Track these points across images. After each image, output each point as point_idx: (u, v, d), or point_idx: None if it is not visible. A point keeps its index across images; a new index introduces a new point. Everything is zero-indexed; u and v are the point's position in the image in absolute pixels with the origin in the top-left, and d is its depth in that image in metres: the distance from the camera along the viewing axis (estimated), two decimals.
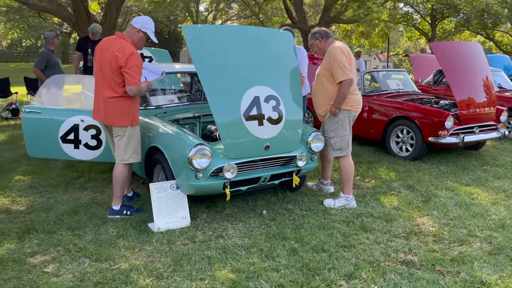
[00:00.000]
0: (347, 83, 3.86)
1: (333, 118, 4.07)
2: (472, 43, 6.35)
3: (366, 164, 5.61)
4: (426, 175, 5.16)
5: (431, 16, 29.00)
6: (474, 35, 34.38)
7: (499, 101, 7.56)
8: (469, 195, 4.44)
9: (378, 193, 4.49)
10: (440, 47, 5.81)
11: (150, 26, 3.52)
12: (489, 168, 5.48)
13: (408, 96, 6.57)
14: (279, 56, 3.85)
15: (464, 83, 5.68)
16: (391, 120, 6.10)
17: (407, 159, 5.85)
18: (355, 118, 4.22)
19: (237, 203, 4.05)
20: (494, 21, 22.79)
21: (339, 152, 4.09)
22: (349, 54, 3.95)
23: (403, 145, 6.01)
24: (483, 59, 6.06)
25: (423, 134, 5.66)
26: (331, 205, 4.09)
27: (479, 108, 5.75)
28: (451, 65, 5.66)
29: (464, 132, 5.69)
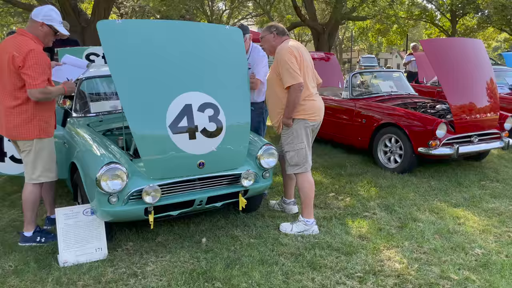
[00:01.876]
0: (295, 89, 3.25)
1: (287, 130, 3.47)
2: (472, 40, 5.61)
3: (346, 178, 4.97)
4: (412, 192, 4.49)
5: (451, 13, 27.68)
6: (498, 32, 32.80)
7: (508, 105, 6.79)
8: (456, 219, 3.76)
9: (349, 215, 3.87)
10: (431, 44, 5.10)
11: (55, 17, 3.00)
12: (487, 184, 4.75)
13: (401, 100, 5.88)
14: (222, 57, 3.27)
15: (459, 85, 4.96)
16: (379, 127, 5.43)
17: (395, 172, 5.17)
18: (317, 128, 3.61)
19: (176, 227, 3.51)
20: None
21: (296, 168, 3.49)
22: (301, 55, 3.34)
23: (392, 155, 5.33)
24: (484, 58, 5.32)
25: (412, 143, 4.98)
26: (287, 230, 3.50)
27: (479, 114, 5.03)
28: (443, 65, 4.95)
29: (459, 141, 4.98)
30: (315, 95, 3.51)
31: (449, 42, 5.22)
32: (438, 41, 5.17)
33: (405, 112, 5.17)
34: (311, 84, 3.47)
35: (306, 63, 3.41)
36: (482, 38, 33.73)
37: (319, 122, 3.56)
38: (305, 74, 3.38)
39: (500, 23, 27.77)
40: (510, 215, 3.83)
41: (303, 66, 3.37)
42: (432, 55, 4.96)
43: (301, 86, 3.27)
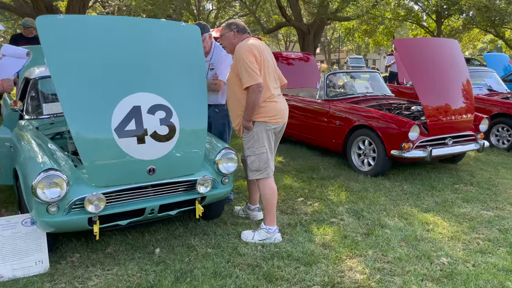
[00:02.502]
0: (254, 90, 3.08)
1: (247, 133, 3.30)
2: (446, 40, 5.50)
3: (318, 181, 4.81)
4: (383, 196, 4.35)
5: (437, 14, 27.84)
6: (483, 33, 33.10)
7: (486, 106, 6.72)
8: (425, 225, 3.62)
9: (315, 221, 3.71)
10: (404, 44, 4.98)
11: None
12: (461, 188, 4.64)
13: (376, 101, 5.75)
14: (176, 56, 3.09)
15: (433, 85, 4.84)
16: (352, 129, 5.29)
17: (368, 175, 5.03)
18: (281, 131, 3.44)
19: (130, 237, 3.31)
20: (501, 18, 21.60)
21: (257, 173, 3.31)
22: (261, 54, 3.17)
23: (365, 158, 5.19)
24: (459, 58, 5.21)
25: (385, 146, 4.84)
26: (248, 238, 3.33)
27: (453, 116, 4.91)
28: (416, 65, 4.83)
29: (433, 144, 4.86)
30: (278, 97, 3.34)
31: (423, 42, 5.10)
32: (411, 41, 5.06)
33: (378, 113, 5.03)
34: (272, 85, 3.30)
35: (267, 62, 3.24)
36: (467, 39, 34.07)
37: (282, 125, 3.39)
38: (265, 74, 3.21)
39: (484, 24, 28.04)
40: (481, 221, 3.71)
41: (264, 66, 3.19)
42: (404, 55, 4.83)
43: (260, 86, 3.09)
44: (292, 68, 7.56)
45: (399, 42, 5.01)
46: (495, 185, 4.71)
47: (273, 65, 3.35)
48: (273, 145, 3.41)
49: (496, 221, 3.68)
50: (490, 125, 6.75)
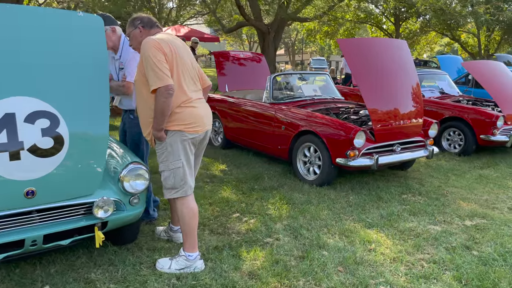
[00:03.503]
0: (162, 93, 2.58)
1: (160, 144, 2.80)
2: (394, 41, 5.23)
3: (259, 193, 4.38)
4: (326, 209, 3.97)
5: (395, 16, 28.34)
6: (440, 36, 34.10)
7: (438, 109, 6.55)
8: (367, 244, 3.26)
9: (247, 242, 3.27)
10: (349, 44, 4.65)
11: None
12: (409, 198, 4.34)
13: (324, 105, 5.40)
14: (69, 51, 2.54)
15: (379, 88, 4.53)
16: (298, 135, 4.90)
17: (314, 184, 4.66)
18: (203, 141, 2.97)
19: (17, 270, 2.74)
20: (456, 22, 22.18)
21: (172, 192, 2.82)
22: (173, 51, 2.68)
23: (311, 166, 4.82)
24: (407, 59, 4.93)
25: (330, 154, 4.48)
26: (164, 268, 2.84)
27: (402, 120, 4.62)
28: (361, 66, 4.50)
29: (380, 151, 4.55)
30: (196, 101, 2.86)
31: (369, 42, 4.81)
32: (355, 41, 4.74)
33: (323, 118, 4.67)
34: (189, 87, 2.81)
35: (181, 60, 2.75)
36: (425, 42, 35.01)
37: (202, 134, 2.91)
38: (179, 74, 2.73)
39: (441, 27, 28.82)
40: (427, 237, 3.39)
41: (177, 65, 2.71)
42: (349, 56, 4.49)
43: (170, 89, 2.60)
44: (242, 68, 7.12)
45: (343, 42, 4.66)
46: (444, 194, 4.45)
47: (191, 63, 2.87)
48: (193, 158, 2.93)
49: (443, 238, 3.37)
50: (442, 129, 6.59)
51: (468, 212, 3.93)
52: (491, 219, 3.76)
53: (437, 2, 15.06)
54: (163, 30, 2.91)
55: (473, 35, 32.32)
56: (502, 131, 6.07)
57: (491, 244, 3.27)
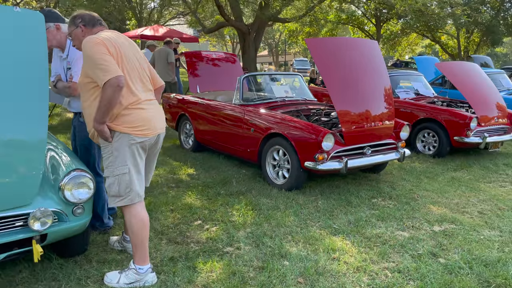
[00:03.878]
0: (111, 84, 2.34)
1: (106, 148, 2.61)
2: (365, 41, 5.13)
3: (224, 198, 4.21)
4: (293, 215, 3.83)
5: (376, 18, 28.55)
6: (420, 37, 34.52)
7: (413, 110, 6.49)
8: (331, 252, 3.12)
9: (205, 252, 3.09)
10: (317, 44, 4.52)
11: None
12: (379, 203, 4.23)
13: (295, 106, 5.26)
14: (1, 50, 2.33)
15: (348, 89, 4.41)
16: (267, 138, 4.75)
17: (283, 189, 4.52)
18: (155, 145, 2.79)
19: None
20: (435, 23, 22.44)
21: (117, 200, 2.62)
22: (118, 49, 2.49)
23: (280, 170, 4.67)
24: (378, 60, 4.83)
25: (299, 157, 4.34)
26: (113, 282, 2.64)
27: (373, 122, 4.51)
28: (330, 67, 4.38)
29: (350, 154, 4.43)
30: (146, 102, 2.66)
31: (337, 42, 4.68)
32: (324, 41, 4.61)
33: (291, 121, 4.52)
34: (138, 88, 2.62)
35: (127, 59, 2.56)
36: (406, 44, 35.39)
37: (153, 138, 2.72)
38: (125, 74, 2.53)
39: (422, 29, 29.16)
40: (393, 244, 3.27)
41: (122, 64, 2.51)
42: (317, 56, 4.36)
43: (121, 81, 2.37)
44: (215, 69, 6.94)
45: (311, 42, 4.53)
46: (415, 198, 4.35)
47: (138, 62, 2.68)
48: (143, 164, 2.74)
49: (410, 245, 3.26)
50: (416, 131, 6.53)
51: (438, 217, 3.83)
52: (460, 224, 3.67)
53: (416, 3, 15.12)
54: (107, 28, 2.72)
55: (452, 36, 32.85)
56: (475, 132, 6.03)
57: (458, 251, 3.16)
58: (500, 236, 3.45)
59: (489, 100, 6.44)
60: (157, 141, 2.79)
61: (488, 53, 54.27)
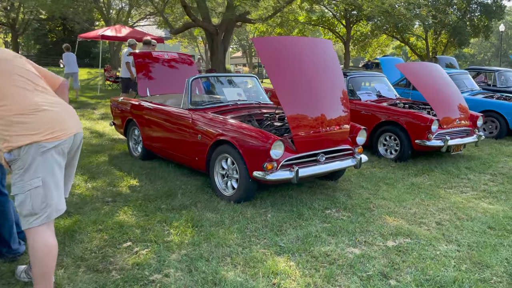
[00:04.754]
0: None
1: (15, 164, 2.20)
2: (317, 40, 4.83)
3: (164, 214, 3.80)
4: (237, 232, 3.46)
5: (346, 19, 28.65)
6: (390, 39, 34.94)
7: (374, 113, 6.26)
8: (271, 277, 2.77)
9: (126, 283, 2.68)
10: (264, 43, 4.17)
11: None
12: (332, 214, 3.92)
13: (248, 110, 4.91)
14: None
15: (299, 92, 4.09)
16: (214, 146, 4.38)
17: (232, 201, 4.15)
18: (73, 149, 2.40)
19: None
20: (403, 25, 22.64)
21: (32, 219, 2.24)
22: None
23: (229, 180, 4.31)
24: (332, 59, 4.54)
25: (247, 166, 3.99)
26: None
27: (326, 127, 4.20)
28: (278, 68, 4.05)
29: (303, 162, 4.11)
30: (48, 104, 2.27)
31: (287, 41, 4.35)
32: (272, 40, 4.27)
33: (239, 127, 4.16)
34: (30, 90, 2.22)
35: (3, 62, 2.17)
36: (376, 45, 35.75)
37: (69, 139, 2.32)
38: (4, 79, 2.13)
39: (391, 30, 29.46)
40: (341, 264, 2.95)
41: None
42: (265, 57, 4.01)
43: None
44: (167, 71, 6.50)
45: (258, 41, 4.18)
46: (371, 209, 4.06)
47: (22, 66, 2.28)
48: (62, 172, 2.34)
49: (359, 264, 2.95)
50: (378, 134, 6.31)
51: (393, 230, 3.55)
52: (415, 238, 3.40)
53: (382, 4, 15.09)
54: None
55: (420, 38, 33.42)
56: (437, 135, 5.84)
57: (411, 271, 2.87)
58: (458, 251, 3.18)
59: (450, 101, 6.27)
60: (74, 142, 2.41)
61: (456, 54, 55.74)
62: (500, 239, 3.41)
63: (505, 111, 7.77)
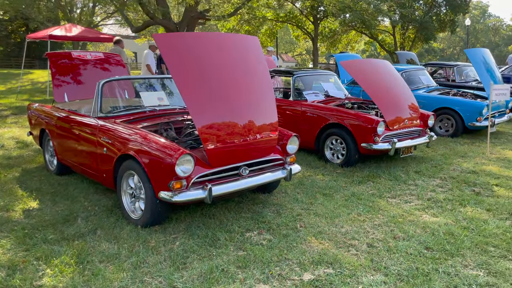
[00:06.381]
0: None
1: None
2: (236, 37, 4.28)
3: (47, 248, 3.16)
4: (129, 270, 2.87)
5: (313, 16, 28.30)
6: (359, 35, 34.84)
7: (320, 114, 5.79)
8: None
9: None
10: (166, 41, 3.58)
11: None
12: (252, 238, 3.37)
13: (167, 118, 4.32)
14: None
15: (209, 98, 3.52)
16: (120, 160, 3.77)
17: (139, 225, 3.57)
18: None
19: None
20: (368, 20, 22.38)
21: None
22: None
23: (136, 200, 3.71)
24: (256, 58, 4.00)
25: (153, 185, 3.41)
26: None
27: (248, 136, 3.66)
28: (183, 70, 3.46)
29: (220, 177, 3.55)
30: None
31: (199, 37, 3.74)
32: (179, 37, 3.67)
33: (145, 139, 3.56)
34: None
35: None
36: (345, 41, 35.61)
37: None
38: None
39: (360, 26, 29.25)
40: None
41: None
42: (168, 57, 3.42)
43: None
44: (90, 73, 5.81)
45: (160, 38, 3.59)
46: (297, 229, 3.54)
47: None
48: None
49: None
50: (324, 137, 5.82)
51: (316, 256, 3.04)
52: (338, 267, 2.89)
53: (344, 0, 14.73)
54: None
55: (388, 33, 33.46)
56: (384, 137, 5.40)
57: None
58: (384, 283, 2.69)
59: (399, 100, 5.85)
60: None
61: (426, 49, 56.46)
62: (435, 263, 2.94)
63: (460, 108, 7.44)
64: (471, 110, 7.34)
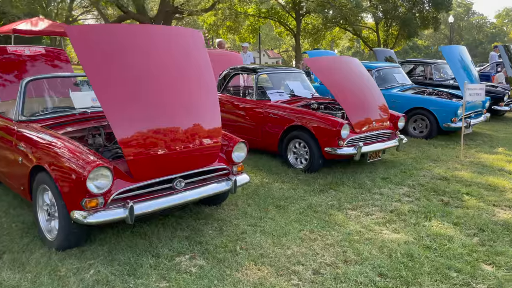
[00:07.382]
0: None
1: None
2: (171, 28, 3.79)
3: None
4: None
5: (295, 11, 27.88)
6: (343, 32, 34.51)
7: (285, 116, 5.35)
8: None
9: None
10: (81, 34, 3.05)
11: None
12: (181, 264, 2.88)
13: (99, 121, 3.79)
14: None
15: (134, 101, 3.03)
16: (33, 173, 3.26)
17: (53, 248, 3.07)
18: None
19: None
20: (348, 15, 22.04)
21: None
22: None
23: (52, 219, 3.21)
24: (199, 56, 3.52)
25: (65, 203, 2.91)
26: None
27: (183, 143, 3.18)
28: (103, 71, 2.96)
29: (149, 192, 3.07)
30: None
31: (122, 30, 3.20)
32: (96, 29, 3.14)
33: (60, 148, 3.05)
34: None
35: None
36: (329, 38, 35.26)
37: None
38: None
39: (343, 22, 28.89)
40: None
41: None
42: (83, 53, 2.91)
43: None
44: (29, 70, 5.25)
45: (72, 30, 3.07)
46: (236, 252, 3.08)
47: None
48: None
49: None
50: (287, 141, 5.38)
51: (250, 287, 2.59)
52: None
53: None
54: None
55: (371, 30, 33.21)
56: (350, 141, 4.97)
57: None
58: None
59: (367, 101, 5.43)
60: None
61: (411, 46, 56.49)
62: None
63: (434, 108, 7.07)
64: (446, 110, 6.98)
